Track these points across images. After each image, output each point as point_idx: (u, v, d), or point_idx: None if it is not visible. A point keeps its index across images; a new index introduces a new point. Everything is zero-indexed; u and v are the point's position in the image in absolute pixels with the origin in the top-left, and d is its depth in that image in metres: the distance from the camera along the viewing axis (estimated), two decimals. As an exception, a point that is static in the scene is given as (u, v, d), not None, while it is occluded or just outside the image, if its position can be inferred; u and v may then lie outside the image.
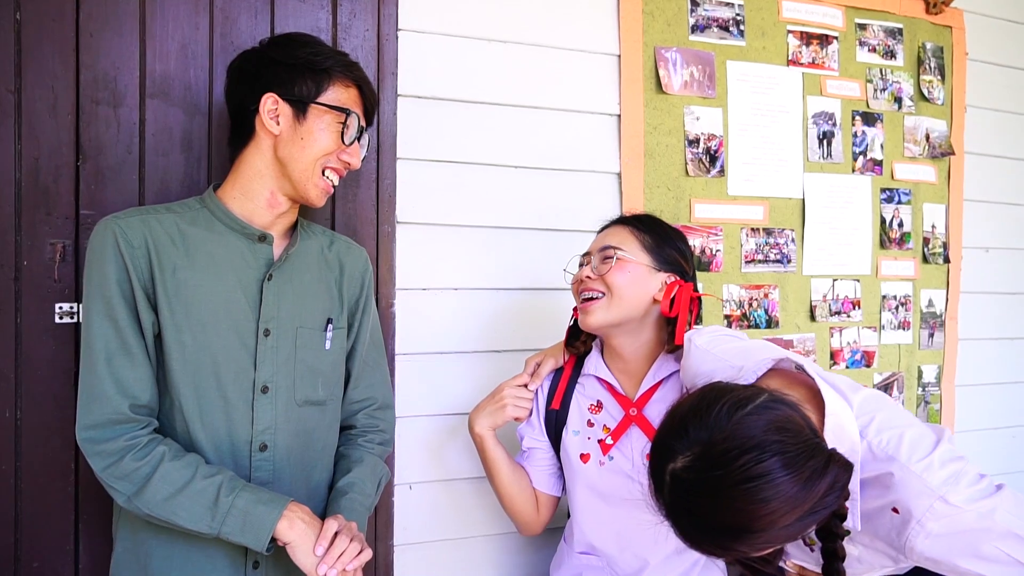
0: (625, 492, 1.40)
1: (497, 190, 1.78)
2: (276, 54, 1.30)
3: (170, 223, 1.27)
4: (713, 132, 1.96)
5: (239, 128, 1.33)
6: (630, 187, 1.88)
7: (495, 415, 1.50)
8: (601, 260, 1.41)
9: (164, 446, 1.19)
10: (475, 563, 1.77)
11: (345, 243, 1.48)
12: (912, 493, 1.01)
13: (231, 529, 1.16)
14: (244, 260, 1.30)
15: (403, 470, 1.71)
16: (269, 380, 1.29)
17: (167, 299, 1.23)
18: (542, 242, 1.83)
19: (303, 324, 1.34)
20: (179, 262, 1.25)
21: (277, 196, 1.32)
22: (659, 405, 1.42)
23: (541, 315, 1.82)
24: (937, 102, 2.23)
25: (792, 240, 2.06)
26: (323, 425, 1.38)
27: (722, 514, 0.90)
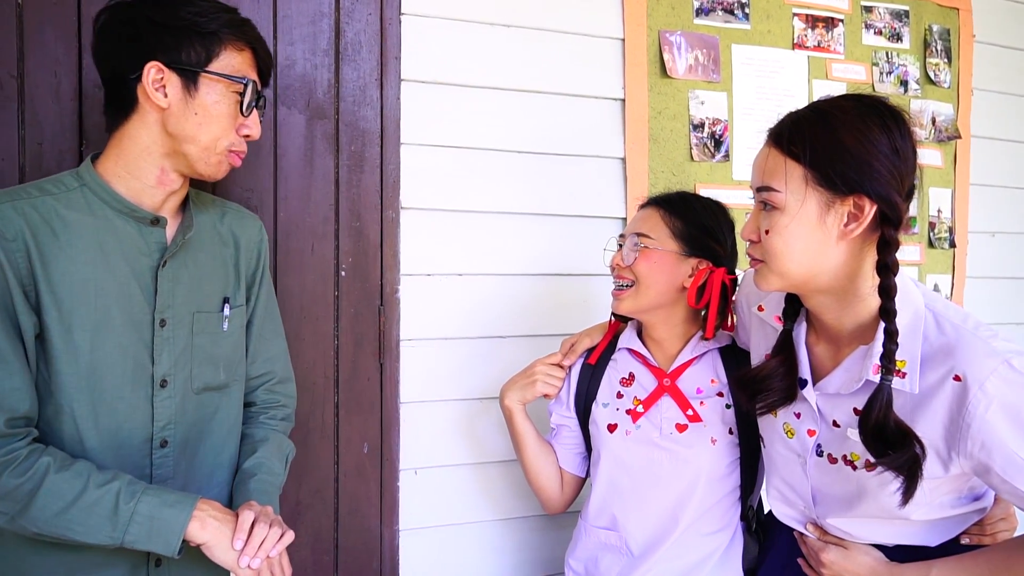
0: (649, 462, 1.41)
1: (501, 175, 1.77)
2: (156, 15, 1.11)
3: (47, 208, 1.11)
4: (718, 116, 1.95)
5: (116, 97, 1.15)
6: (634, 172, 1.87)
7: (525, 390, 1.52)
8: (631, 247, 1.42)
9: (47, 456, 1.06)
10: (481, 548, 1.78)
11: (237, 213, 1.36)
12: (977, 355, 1.00)
13: (135, 537, 1.06)
14: (136, 247, 1.17)
15: (408, 456, 1.71)
16: (168, 373, 1.20)
17: (52, 298, 1.09)
18: (546, 227, 1.82)
19: (200, 308, 1.24)
20: (63, 254, 1.10)
21: (168, 173, 1.18)
22: (692, 379, 1.44)
23: (546, 301, 1.82)
24: (943, 85, 2.22)
25: (797, 225, 2.04)
26: (224, 408, 1.29)
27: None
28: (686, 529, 1.40)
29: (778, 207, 1.06)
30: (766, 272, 1.11)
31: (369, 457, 1.68)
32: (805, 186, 1.04)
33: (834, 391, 1.15)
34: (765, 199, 1.08)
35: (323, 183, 1.63)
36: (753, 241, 1.12)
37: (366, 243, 1.66)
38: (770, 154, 1.09)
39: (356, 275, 1.66)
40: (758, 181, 1.10)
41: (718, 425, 1.40)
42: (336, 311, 1.65)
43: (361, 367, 1.67)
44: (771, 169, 1.07)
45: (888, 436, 1.03)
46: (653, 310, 1.42)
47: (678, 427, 1.40)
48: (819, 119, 1.05)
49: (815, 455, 1.21)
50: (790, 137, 1.06)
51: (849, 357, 1.13)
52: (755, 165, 1.13)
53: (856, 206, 1.03)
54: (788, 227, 1.06)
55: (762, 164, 1.10)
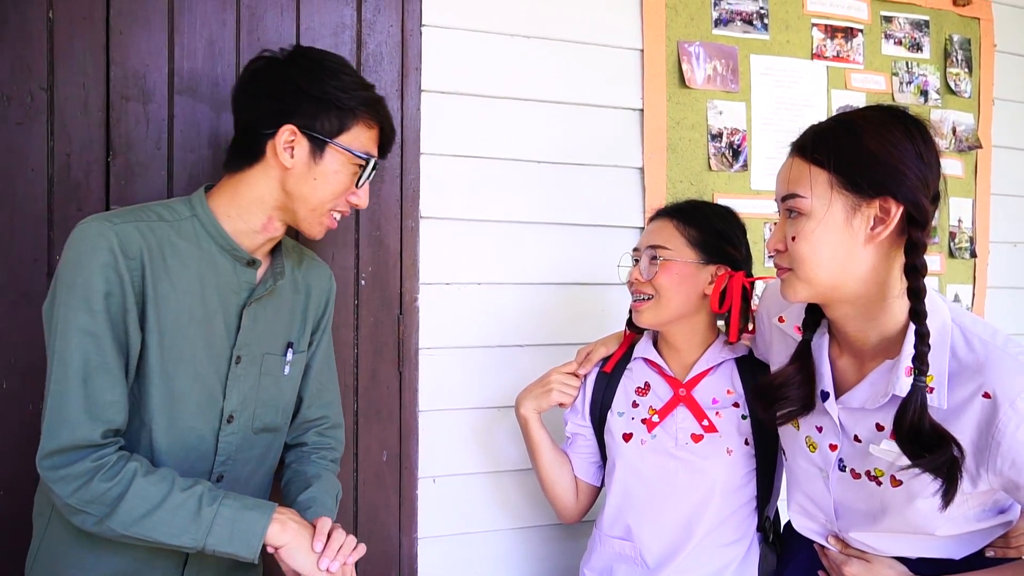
0: (664, 472, 1.41)
1: (520, 185, 1.79)
2: (303, 82, 1.18)
3: (163, 233, 1.17)
4: (736, 127, 1.95)
5: (245, 143, 1.23)
6: (653, 182, 1.88)
7: (540, 398, 1.52)
8: (648, 261, 1.41)
9: (135, 462, 1.11)
10: (500, 556, 1.78)
11: (311, 260, 1.43)
12: (1007, 372, 0.99)
13: (218, 539, 1.10)
14: (229, 284, 1.23)
15: (427, 464, 1.72)
16: (235, 409, 1.24)
17: (156, 319, 1.15)
18: (565, 237, 1.83)
19: (269, 350, 1.30)
20: (167, 279, 1.16)
21: (274, 223, 1.25)
22: (708, 389, 1.44)
23: (564, 310, 1.82)
24: (964, 95, 2.21)
25: (816, 235, 2.04)
26: (273, 450, 1.35)
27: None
28: (701, 540, 1.39)
29: (804, 213, 1.06)
30: (793, 280, 1.10)
31: (388, 465, 1.69)
32: (830, 191, 1.04)
33: (858, 405, 1.14)
34: (791, 206, 1.08)
35: (344, 193, 1.65)
36: (779, 251, 1.12)
37: (386, 252, 1.68)
38: (794, 164, 1.10)
39: (376, 284, 1.67)
40: (783, 191, 1.11)
41: (734, 436, 1.40)
42: (356, 320, 1.66)
43: (381, 375, 1.68)
44: (795, 177, 1.08)
45: (924, 438, 1.01)
46: (675, 321, 1.42)
47: (693, 437, 1.40)
48: (842, 127, 1.07)
49: (837, 470, 1.20)
50: (814, 145, 1.07)
51: (874, 371, 1.12)
52: (779, 177, 1.14)
53: (882, 209, 1.03)
54: (815, 232, 1.05)
55: (786, 174, 1.11)
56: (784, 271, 1.12)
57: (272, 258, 1.32)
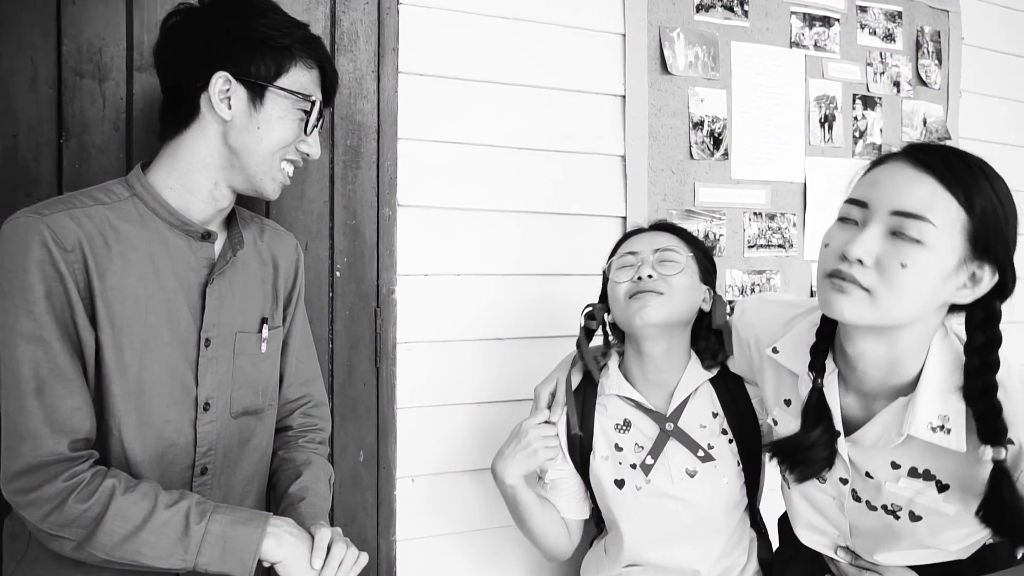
0: (665, 512, 1.36)
1: (500, 172, 1.72)
2: (230, 24, 1.09)
3: (100, 218, 1.06)
4: (717, 115, 1.92)
5: (176, 104, 1.12)
6: (635, 170, 1.83)
7: (526, 462, 1.36)
8: (659, 261, 1.36)
9: (112, 478, 1.01)
10: (482, 557, 1.72)
11: (274, 231, 1.33)
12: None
13: (208, 559, 1.01)
14: (185, 262, 1.13)
15: (405, 463, 1.65)
16: (210, 395, 1.14)
17: (106, 312, 1.04)
18: (546, 226, 1.77)
19: (242, 328, 1.19)
20: (114, 267, 1.05)
21: (221, 188, 1.14)
22: (694, 416, 1.38)
23: (546, 301, 1.77)
24: (934, 87, 2.22)
25: (794, 224, 2.03)
26: (259, 434, 1.25)
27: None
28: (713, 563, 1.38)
29: (922, 242, 0.93)
30: (868, 303, 0.97)
31: (365, 465, 1.62)
32: (961, 235, 0.94)
33: (871, 444, 1.09)
34: (910, 228, 0.93)
35: (317, 178, 1.56)
36: (862, 262, 0.96)
37: (362, 242, 1.59)
38: (925, 181, 0.95)
39: (352, 275, 1.59)
40: (906, 205, 0.94)
41: (728, 462, 1.37)
42: (331, 313, 1.58)
43: (357, 371, 1.60)
44: (929, 199, 0.94)
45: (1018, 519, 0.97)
46: (673, 326, 1.36)
47: (688, 472, 1.35)
48: (984, 174, 0.96)
49: (852, 500, 1.17)
50: (963, 178, 0.94)
51: (886, 410, 1.07)
52: (892, 184, 0.97)
53: (974, 276, 0.96)
54: (931, 270, 0.94)
55: (911, 187, 0.95)
56: (853, 290, 0.97)
57: (228, 230, 1.22)
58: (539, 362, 1.76)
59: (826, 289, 1.00)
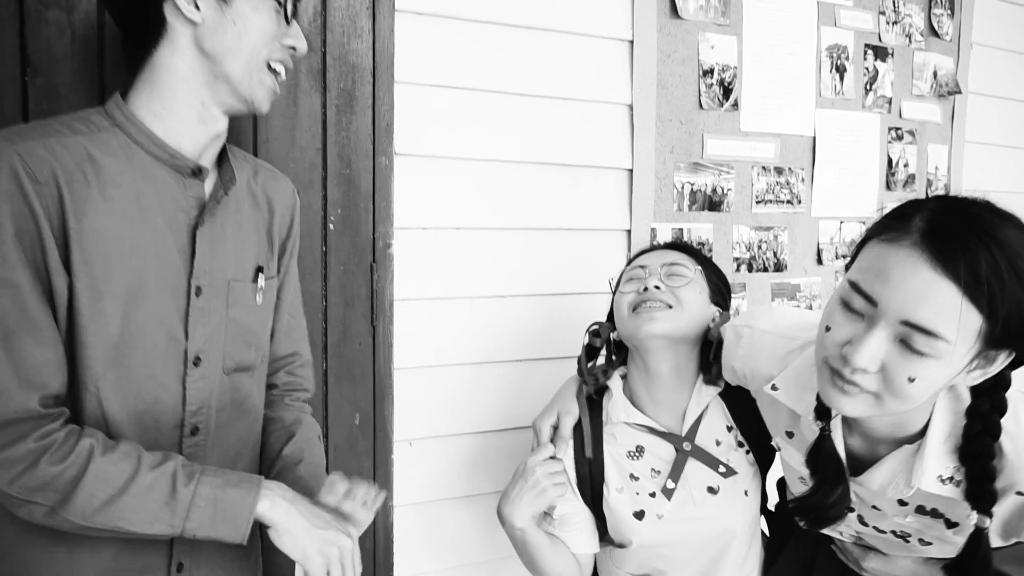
0: (689, 534, 1.29)
1: (502, 120, 1.62)
2: None
3: (79, 149, 0.94)
4: (727, 63, 1.83)
5: (139, 22, 1.01)
6: (642, 119, 1.74)
7: (535, 502, 1.28)
8: (668, 275, 1.30)
9: (89, 438, 0.92)
10: (481, 523, 1.66)
11: (270, 172, 1.22)
12: None
13: (198, 524, 0.93)
14: (174, 200, 1.02)
15: (403, 426, 1.57)
16: (202, 349, 1.04)
17: (82, 256, 0.93)
18: (550, 177, 1.68)
19: (235, 276, 1.09)
20: (95, 206, 0.94)
21: (210, 108, 1.03)
22: (710, 432, 1.31)
23: (549, 258, 1.69)
24: (946, 38, 2.15)
25: (802, 180, 1.96)
26: (253, 392, 1.16)
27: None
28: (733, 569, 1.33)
29: (935, 356, 0.83)
30: (872, 405, 0.90)
31: (361, 429, 1.54)
32: (977, 340, 0.83)
33: (878, 489, 1.04)
34: (921, 343, 0.83)
35: (309, 124, 1.45)
36: (869, 372, 0.88)
37: (357, 193, 1.49)
38: (947, 292, 0.81)
39: (346, 228, 1.49)
40: (921, 319, 0.82)
41: (747, 474, 1.31)
42: (324, 268, 1.48)
43: (352, 330, 1.51)
44: (952, 315, 0.81)
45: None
46: (681, 341, 1.29)
47: (710, 490, 1.29)
48: (1013, 268, 0.81)
49: (859, 524, 1.13)
50: (987, 282, 0.80)
51: (892, 456, 1.02)
52: (907, 289, 0.84)
53: (987, 356, 0.87)
54: (939, 378, 0.86)
55: (929, 297, 0.82)
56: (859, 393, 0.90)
57: (220, 167, 1.11)
58: (542, 321, 1.69)
59: (827, 383, 0.93)
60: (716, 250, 1.85)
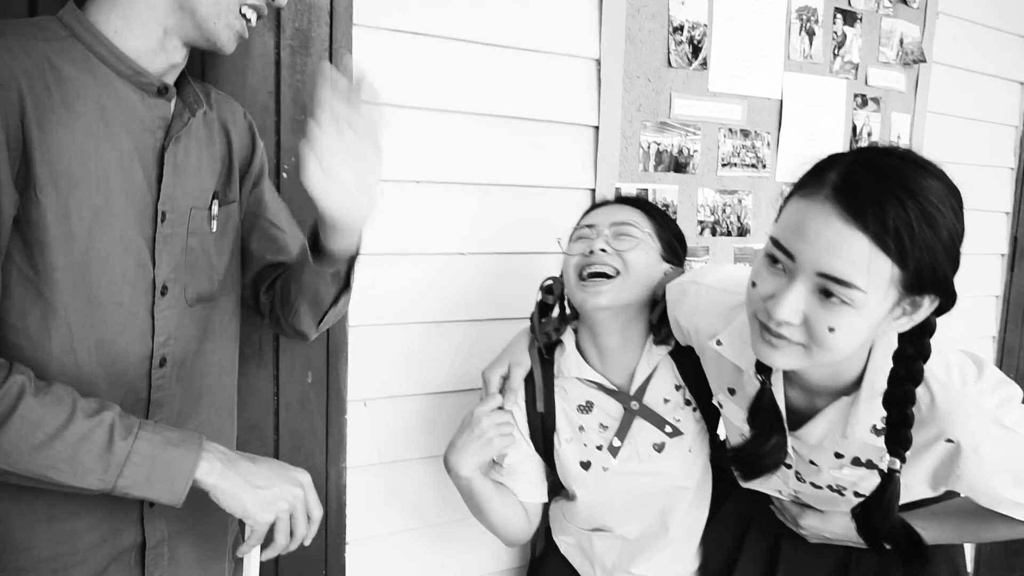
0: (632, 488, 1.33)
1: (465, 70, 1.55)
2: None
3: (39, 54, 0.87)
4: (698, 20, 1.79)
5: None
6: (610, 75, 1.69)
7: (482, 452, 1.29)
8: (616, 236, 1.28)
9: (20, 375, 0.85)
10: (436, 484, 1.62)
11: (220, 96, 1.16)
12: (968, 419, 0.96)
13: (132, 481, 0.88)
14: (139, 119, 0.96)
15: (356, 386, 1.52)
16: (168, 278, 1.00)
17: (49, 170, 0.86)
18: (514, 133, 1.62)
19: (196, 203, 1.04)
20: (58, 117, 0.87)
21: (171, 38, 0.97)
22: (658, 391, 1.33)
23: (511, 215, 1.64)
24: (913, 4, 2.13)
25: (768, 144, 1.94)
26: (218, 324, 1.11)
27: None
28: (679, 523, 1.35)
29: (852, 305, 0.86)
30: (800, 355, 0.92)
31: (313, 388, 1.48)
32: (891, 287, 0.86)
33: (815, 442, 1.08)
34: (836, 292, 0.86)
35: (261, 66, 1.36)
36: (792, 325, 0.90)
37: (311, 141, 1.41)
38: (857, 241, 0.84)
39: (298, 178, 1.41)
40: (835, 270, 0.85)
41: (693, 433, 1.33)
42: (276, 219, 1.41)
43: (305, 285, 1.45)
44: (862, 264, 0.84)
45: (893, 532, 0.99)
46: (626, 309, 1.29)
47: (656, 448, 1.31)
48: (923, 216, 0.83)
49: (796, 480, 1.16)
50: (896, 231, 0.82)
51: (831, 408, 1.05)
52: (821, 242, 0.86)
53: (914, 303, 0.90)
54: (860, 327, 0.88)
55: (840, 249, 0.85)
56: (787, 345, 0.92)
57: (181, 91, 1.04)
58: (501, 280, 1.64)
59: (757, 338, 0.96)
60: (681, 212, 1.82)
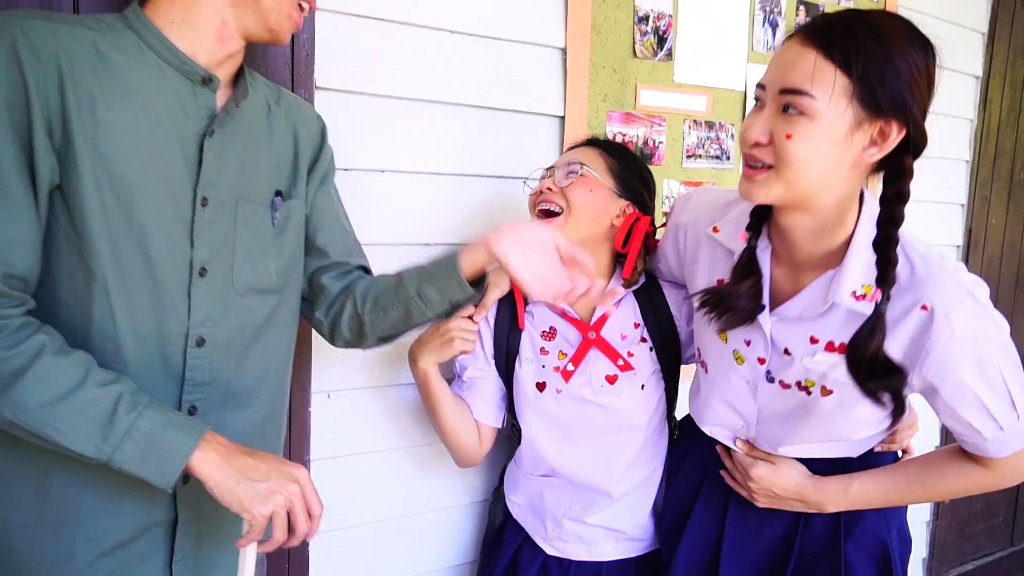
0: (583, 416, 1.39)
1: (430, 57, 1.53)
2: None
3: (86, 41, 0.93)
4: (663, 10, 1.79)
5: None
6: (575, 65, 1.69)
7: (441, 350, 1.37)
8: (565, 175, 1.34)
9: (43, 335, 0.89)
10: (402, 476, 1.62)
11: (294, 99, 1.22)
12: (945, 287, 1.01)
13: (127, 456, 0.89)
14: (183, 106, 1.00)
15: (320, 377, 1.50)
16: (207, 261, 1.02)
17: (86, 142, 0.91)
18: (479, 121, 1.61)
19: (245, 196, 1.07)
20: (100, 96, 0.92)
21: (229, 28, 1.02)
22: (616, 326, 1.39)
23: (478, 204, 1.62)
24: None
25: (732, 135, 1.95)
26: (276, 322, 1.14)
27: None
28: (624, 471, 1.40)
29: (808, 114, 0.96)
30: (772, 180, 1.01)
31: (276, 379, 1.46)
32: (846, 99, 0.96)
33: (795, 315, 1.13)
34: (794, 102, 0.97)
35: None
36: (760, 144, 1.01)
37: (273, 128, 1.38)
38: (806, 55, 0.97)
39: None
40: (788, 82, 0.97)
41: (646, 369, 1.39)
42: (236, 208, 1.38)
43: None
44: (808, 73, 0.96)
45: (878, 367, 1.03)
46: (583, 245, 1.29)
47: (608, 379, 1.37)
48: (869, 31, 0.95)
49: (765, 381, 1.18)
50: (842, 44, 0.95)
51: (815, 282, 1.11)
52: (780, 64, 1.00)
53: (882, 132, 0.98)
54: (817, 138, 0.97)
55: (795, 63, 0.98)
56: (761, 170, 1.02)
57: (235, 86, 1.09)
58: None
59: (742, 178, 1.06)
60: (645, 203, 1.83)
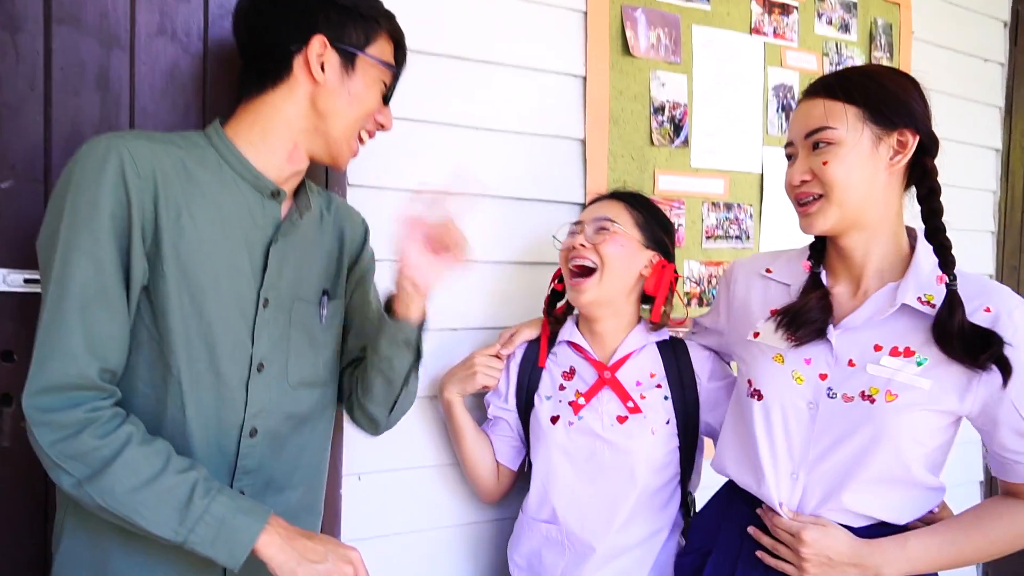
0: (591, 453, 1.42)
1: (456, 152, 1.62)
2: None
3: (176, 158, 1.06)
4: (678, 100, 1.87)
5: (268, 65, 1.13)
6: (595, 154, 1.77)
7: (465, 382, 1.50)
8: (595, 230, 1.42)
9: (131, 425, 0.99)
10: (431, 556, 1.63)
11: (343, 204, 1.35)
12: (1003, 294, 1.16)
13: (201, 538, 0.97)
14: (252, 217, 1.12)
15: (351, 460, 1.54)
16: (265, 357, 1.13)
17: (174, 250, 1.03)
18: (501, 209, 1.69)
19: (300, 296, 1.18)
20: (185, 207, 1.05)
21: (299, 151, 1.15)
22: (632, 372, 1.45)
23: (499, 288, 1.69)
24: (885, 80, 2.23)
25: (750, 216, 2.00)
26: (317, 412, 1.24)
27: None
28: (625, 521, 1.40)
29: (835, 143, 1.17)
30: (825, 206, 1.19)
31: (309, 462, 1.50)
32: (861, 123, 1.16)
33: (861, 322, 1.21)
34: (822, 138, 1.17)
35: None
36: (806, 180, 1.20)
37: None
38: (817, 103, 1.20)
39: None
40: (812, 125, 1.19)
41: (658, 416, 1.42)
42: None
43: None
44: (823, 114, 1.18)
45: (969, 338, 1.11)
46: (611, 301, 1.44)
47: (619, 419, 1.41)
48: (861, 75, 1.20)
49: (827, 398, 1.21)
50: (843, 85, 1.18)
51: (879, 291, 1.21)
52: (801, 116, 1.22)
53: (900, 141, 1.16)
54: (848, 156, 1.16)
55: (810, 112, 1.20)
56: (812, 203, 1.20)
57: (296, 197, 1.22)
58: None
59: (799, 218, 1.24)
60: (667, 283, 1.88)
